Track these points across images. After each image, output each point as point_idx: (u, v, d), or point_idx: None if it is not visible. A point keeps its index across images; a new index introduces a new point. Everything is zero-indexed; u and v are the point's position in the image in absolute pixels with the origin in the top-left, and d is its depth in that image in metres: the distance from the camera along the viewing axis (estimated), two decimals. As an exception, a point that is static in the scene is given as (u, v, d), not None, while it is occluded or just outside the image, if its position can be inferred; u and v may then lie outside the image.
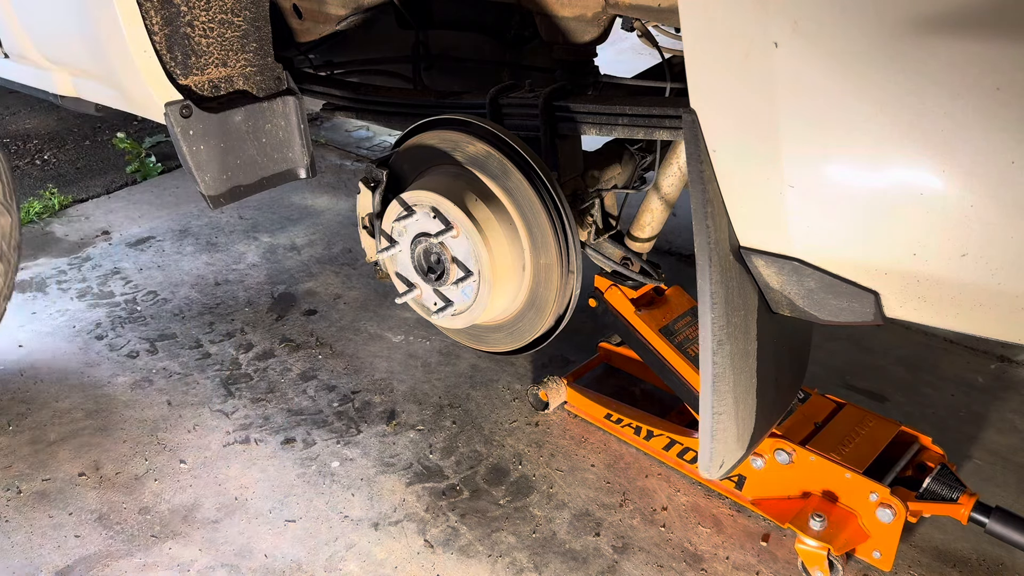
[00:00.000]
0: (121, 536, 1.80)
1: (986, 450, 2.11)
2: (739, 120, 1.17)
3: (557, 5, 1.75)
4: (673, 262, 3.06)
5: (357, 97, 2.17)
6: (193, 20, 1.83)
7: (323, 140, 4.38)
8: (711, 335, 1.34)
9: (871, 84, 1.04)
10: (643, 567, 1.75)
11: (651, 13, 1.62)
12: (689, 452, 1.95)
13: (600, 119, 1.62)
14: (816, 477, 1.75)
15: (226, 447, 2.08)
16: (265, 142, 2.04)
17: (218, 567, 1.74)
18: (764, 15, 1.06)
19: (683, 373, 1.85)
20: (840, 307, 1.27)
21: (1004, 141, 0.98)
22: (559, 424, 2.19)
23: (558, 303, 1.66)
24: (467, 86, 2.30)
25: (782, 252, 1.27)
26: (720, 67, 1.14)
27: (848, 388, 2.34)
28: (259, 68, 2.00)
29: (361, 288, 2.87)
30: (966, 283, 1.11)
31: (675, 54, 1.76)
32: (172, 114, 1.85)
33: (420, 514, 1.88)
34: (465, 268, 1.64)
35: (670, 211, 1.84)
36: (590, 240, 1.87)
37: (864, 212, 1.13)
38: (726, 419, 1.44)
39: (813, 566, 1.67)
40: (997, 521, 1.62)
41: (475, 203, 1.61)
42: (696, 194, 1.26)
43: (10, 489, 1.92)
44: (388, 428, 2.16)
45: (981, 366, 2.46)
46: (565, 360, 2.44)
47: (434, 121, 1.71)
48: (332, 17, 2.19)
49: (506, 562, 1.76)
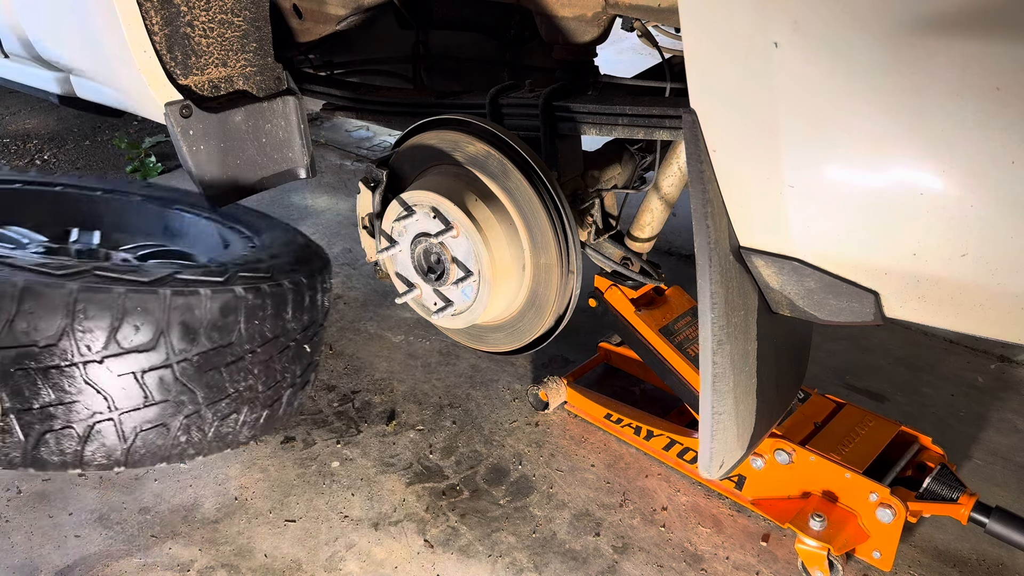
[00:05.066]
0: (121, 536, 1.80)
1: (986, 450, 2.11)
2: (739, 120, 1.17)
3: (557, 5, 1.75)
4: (673, 262, 3.06)
5: (357, 97, 2.17)
6: (193, 20, 1.83)
7: (323, 140, 4.38)
8: (711, 335, 1.34)
9: (871, 84, 1.04)
10: (643, 567, 1.75)
11: (651, 13, 1.62)
12: (689, 452, 1.95)
13: (600, 119, 1.62)
14: (816, 477, 1.75)
15: (226, 447, 2.08)
16: (265, 142, 2.04)
17: (218, 567, 1.74)
18: (764, 15, 1.06)
19: (683, 373, 1.85)
20: (840, 307, 1.27)
21: (1004, 141, 0.98)
22: (559, 424, 2.19)
23: (558, 303, 1.66)
24: (467, 86, 2.30)
25: (782, 252, 1.27)
26: (720, 67, 1.14)
27: (848, 388, 2.34)
28: (259, 68, 2.00)
29: (361, 288, 2.87)
30: (966, 283, 1.11)
31: (675, 54, 1.76)
32: (172, 114, 1.85)
33: (420, 514, 1.88)
34: (465, 268, 1.64)
35: (670, 211, 1.85)
36: (590, 240, 1.87)
37: (864, 212, 1.13)
38: (726, 419, 1.44)
39: (813, 566, 1.67)
40: (997, 521, 1.63)
41: (475, 203, 1.61)
42: (696, 194, 1.26)
43: (10, 489, 1.92)
44: (388, 428, 2.16)
45: (981, 366, 2.46)
46: (565, 360, 2.44)
47: (434, 121, 1.71)
48: (332, 17, 2.19)
49: (506, 562, 1.76)
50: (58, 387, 1.57)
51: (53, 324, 1.53)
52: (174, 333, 1.63)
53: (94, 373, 1.58)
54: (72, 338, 1.54)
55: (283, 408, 1.95)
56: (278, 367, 1.87)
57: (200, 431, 1.74)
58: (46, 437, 1.60)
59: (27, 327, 1.52)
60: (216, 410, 1.75)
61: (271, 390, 1.87)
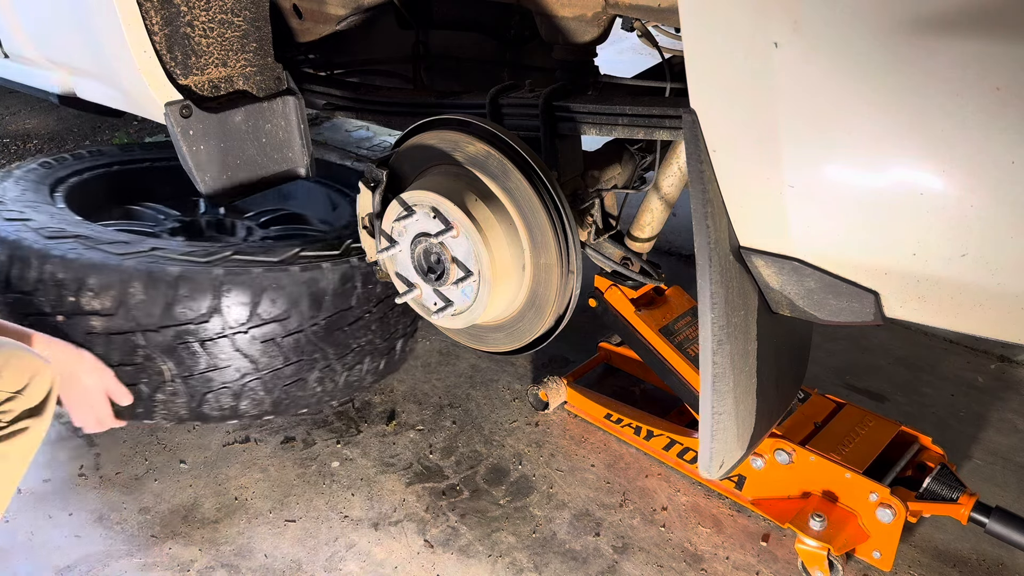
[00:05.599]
0: (121, 536, 1.80)
1: (986, 450, 2.12)
2: (739, 120, 1.17)
3: (557, 5, 1.75)
4: (673, 262, 3.06)
5: (357, 97, 2.17)
6: (193, 20, 1.83)
7: (323, 140, 4.38)
8: (711, 335, 1.34)
9: (871, 84, 1.04)
10: (643, 567, 1.75)
11: (651, 13, 1.62)
12: (689, 452, 1.96)
13: (600, 119, 1.62)
14: (816, 477, 1.75)
15: (226, 447, 2.08)
16: (265, 142, 2.04)
17: (218, 567, 1.74)
18: (764, 15, 1.06)
19: (683, 373, 1.85)
20: (840, 307, 1.27)
21: (1004, 141, 0.98)
22: (559, 424, 2.19)
23: (558, 303, 1.66)
24: (467, 86, 2.30)
25: (782, 252, 1.27)
26: (720, 67, 1.14)
27: (848, 388, 2.34)
28: (259, 68, 2.00)
29: (361, 288, 2.86)
30: (966, 283, 1.11)
31: (675, 54, 1.76)
32: (172, 114, 1.85)
33: (420, 514, 1.88)
34: (465, 268, 1.64)
35: (670, 211, 1.84)
36: (590, 240, 1.87)
37: (864, 212, 1.13)
38: (726, 419, 1.44)
39: (813, 566, 1.67)
40: (997, 521, 1.63)
41: (475, 203, 1.61)
42: (696, 194, 1.26)
43: (10, 489, 1.92)
44: (388, 428, 2.16)
45: (981, 366, 2.47)
46: (565, 360, 2.44)
47: (434, 121, 1.71)
48: (332, 17, 2.19)
49: (506, 562, 1.76)
50: (212, 355, 1.87)
51: (204, 304, 1.83)
52: (304, 303, 1.91)
53: (241, 341, 1.88)
54: (220, 314, 1.84)
55: (398, 355, 2.27)
56: (391, 321, 2.15)
57: (332, 381, 2.05)
58: (207, 396, 1.91)
59: (183, 309, 1.82)
60: (344, 363, 2.05)
61: (387, 341, 2.17)
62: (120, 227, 2.28)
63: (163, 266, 1.82)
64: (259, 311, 1.88)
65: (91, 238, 1.94)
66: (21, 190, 2.27)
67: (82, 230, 2.00)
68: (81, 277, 1.82)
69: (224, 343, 1.87)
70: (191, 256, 1.87)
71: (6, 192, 2.24)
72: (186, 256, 1.87)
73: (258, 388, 1.94)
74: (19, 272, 1.88)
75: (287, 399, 2.00)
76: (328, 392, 2.07)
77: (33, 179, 2.38)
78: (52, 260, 1.85)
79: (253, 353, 1.90)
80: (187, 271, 1.83)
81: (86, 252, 1.86)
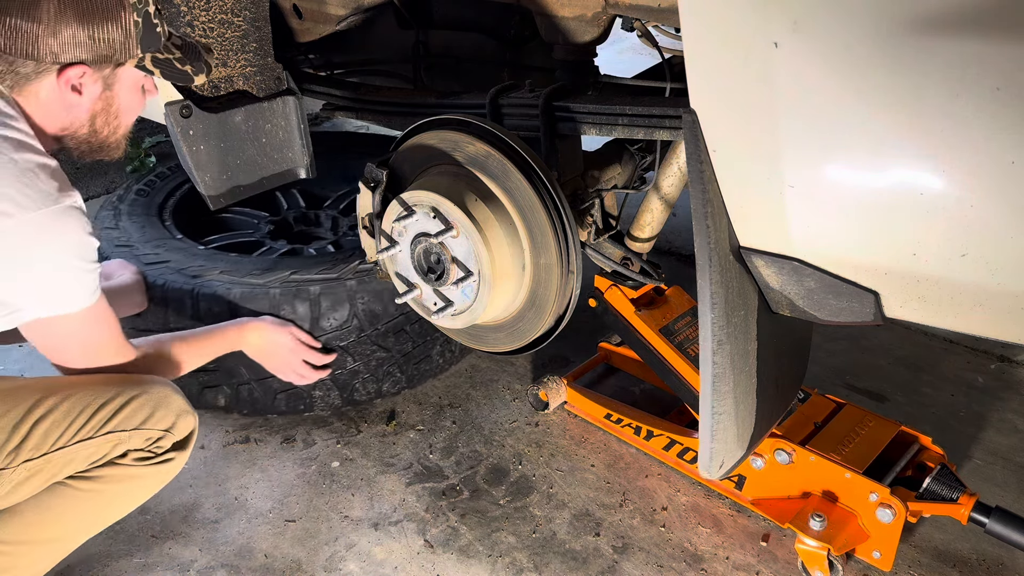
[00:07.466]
0: (121, 536, 1.80)
1: (986, 450, 2.12)
2: (739, 120, 1.17)
3: (557, 5, 1.75)
4: (673, 262, 3.06)
5: (357, 97, 2.17)
6: (193, 20, 1.83)
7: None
8: (711, 335, 1.34)
9: (871, 84, 1.04)
10: (643, 567, 1.75)
11: (651, 13, 1.62)
12: (689, 452, 1.95)
13: (600, 119, 1.62)
14: (816, 477, 1.75)
15: (226, 447, 2.08)
16: (265, 142, 2.04)
17: (218, 567, 1.74)
18: (764, 15, 1.06)
19: (683, 373, 1.85)
20: (840, 307, 1.27)
21: (1004, 141, 0.98)
22: (559, 424, 2.19)
23: (558, 303, 1.66)
24: (467, 86, 2.30)
25: (782, 252, 1.27)
26: (720, 67, 1.14)
27: (848, 388, 2.34)
28: (259, 68, 2.00)
29: (361, 288, 2.86)
30: (966, 283, 1.11)
31: (675, 54, 1.76)
32: (172, 114, 1.85)
33: (420, 514, 1.88)
34: (465, 268, 1.64)
35: (670, 211, 1.84)
36: (590, 240, 1.87)
37: (864, 212, 1.13)
38: (726, 419, 1.44)
39: (813, 566, 1.67)
40: (997, 521, 1.62)
41: (475, 203, 1.61)
42: (696, 194, 1.27)
43: (10, 489, 1.92)
44: (388, 428, 2.16)
45: (981, 366, 2.47)
46: (565, 360, 2.44)
47: (434, 121, 1.71)
48: (332, 17, 2.19)
49: (506, 562, 1.76)
50: (357, 353, 2.14)
51: (343, 312, 2.08)
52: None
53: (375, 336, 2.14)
54: (358, 318, 2.09)
55: None
56: None
57: (416, 368, 2.27)
58: (355, 384, 2.18)
59: (328, 320, 2.07)
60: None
61: None
62: (229, 239, 2.49)
63: (306, 287, 2.03)
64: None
65: (231, 270, 2.10)
66: (139, 226, 2.34)
67: (220, 263, 2.14)
68: (234, 311, 2.02)
69: (365, 339, 2.12)
70: (325, 274, 2.08)
71: (129, 233, 2.31)
72: (321, 275, 2.07)
73: (395, 370, 2.21)
74: (176, 309, 2.07)
75: (417, 374, 2.28)
76: (448, 362, 2.37)
77: (140, 211, 2.43)
78: (204, 298, 2.03)
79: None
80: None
81: (233, 288, 2.04)
